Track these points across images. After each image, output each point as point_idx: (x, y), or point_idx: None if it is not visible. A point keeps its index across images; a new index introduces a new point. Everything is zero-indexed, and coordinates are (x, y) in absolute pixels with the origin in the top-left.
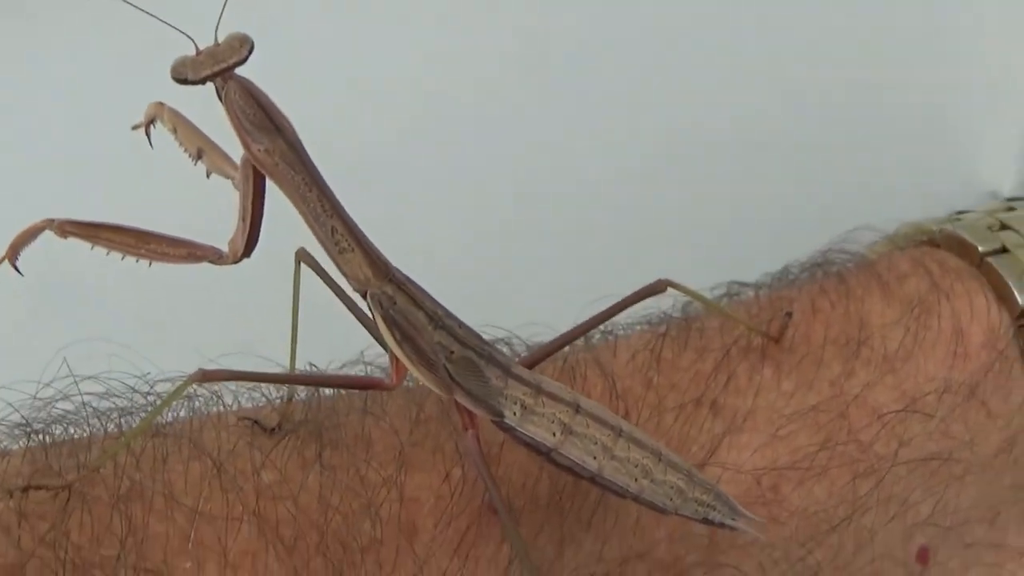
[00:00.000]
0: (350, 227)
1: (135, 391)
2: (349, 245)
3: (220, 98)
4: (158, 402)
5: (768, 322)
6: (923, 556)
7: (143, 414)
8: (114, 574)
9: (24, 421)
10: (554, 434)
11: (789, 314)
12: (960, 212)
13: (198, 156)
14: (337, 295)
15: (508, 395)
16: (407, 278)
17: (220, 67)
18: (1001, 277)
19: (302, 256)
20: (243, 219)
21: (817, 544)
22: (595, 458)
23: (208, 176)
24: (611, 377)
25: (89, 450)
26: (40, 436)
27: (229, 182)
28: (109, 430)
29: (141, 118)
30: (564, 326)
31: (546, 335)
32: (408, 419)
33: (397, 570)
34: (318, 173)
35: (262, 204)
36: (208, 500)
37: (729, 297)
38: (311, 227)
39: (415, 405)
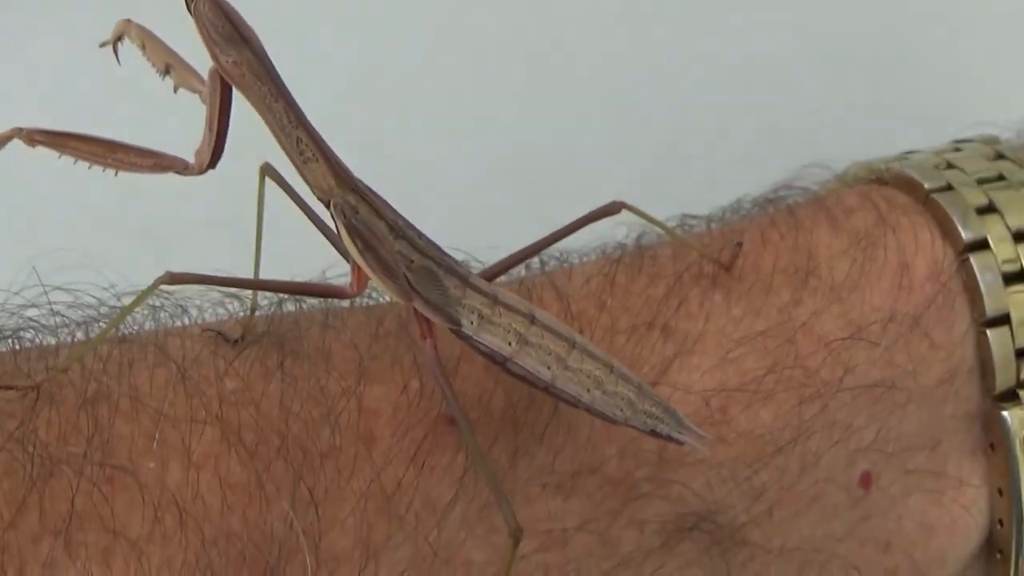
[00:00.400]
0: (314, 137)
1: (102, 303)
2: (313, 155)
3: (189, 10)
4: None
5: (719, 250)
6: (866, 480)
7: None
8: (80, 470)
9: None
10: (510, 343)
11: (740, 244)
12: (908, 152)
13: (166, 71)
14: (301, 208)
15: (466, 304)
16: (369, 188)
17: None
18: (946, 213)
19: (267, 170)
20: (209, 130)
21: (763, 465)
22: (549, 368)
23: (176, 91)
24: (566, 299)
25: (57, 355)
26: (9, 341)
27: (196, 96)
28: (77, 337)
29: (109, 35)
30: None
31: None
32: (368, 334)
33: (355, 476)
34: (284, 85)
35: (228, 116)
36: (173, 404)
37: (682, 228)
38: (276, 137)
39: (375, 320)
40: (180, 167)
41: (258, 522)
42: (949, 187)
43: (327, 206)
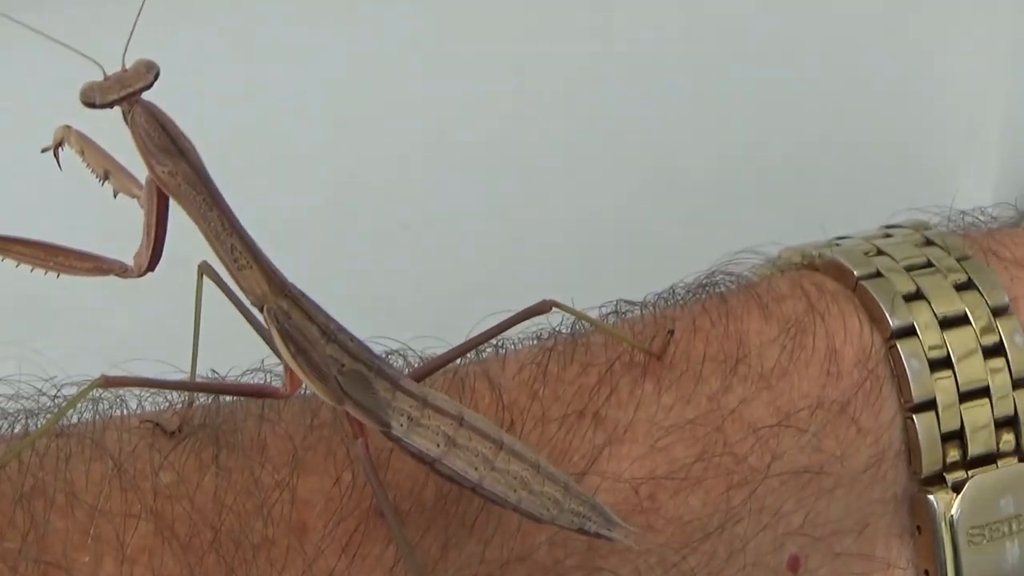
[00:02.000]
0: (248, 245)
1: (42, 394)
2: (247, 262)
3: (126, 121)
4: (64, 405)
5: (651, 339)
6: (794, 564)
7: (49, 415)
8: (15, 566)
9: None
10: (438, 445)
11: (671, 332)
12: (840, 237)
13: (105, 177)
14: (236, 307)
15: (395, 407)
16: (301, 292)
17: (126, 92)
18: (875, 299)
19: (204, 269)
20: (147, 235)
21: (691, 551)
22: (476, 469)
23: (115, 196)
24: (498, 389)
25: None
26: None
27: (135, 201)
28: (16, 431)
29: (50, 141)
30: (456, 340)
31: (439, 348)
32: (303, 425)
33: (287, 568)
34: (219, 193)
35: (166, 221)
36: (108, 498)
37: (617, 315)
38: (211, 244)
39: (310, 412)
40: (119, 270)
41: None
42: (878, 273)
43: (261, 310)
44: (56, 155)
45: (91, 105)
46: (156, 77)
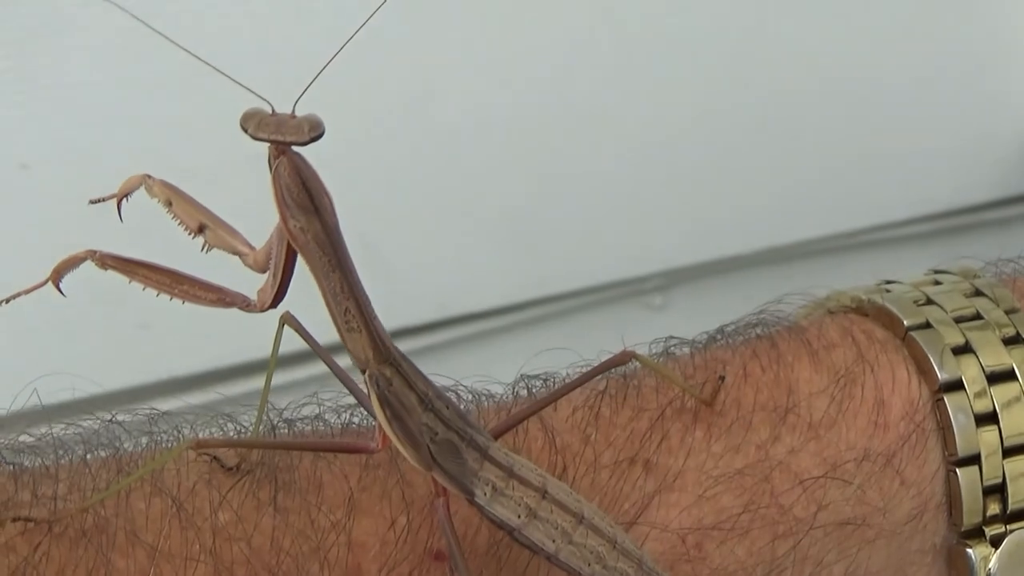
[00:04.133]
0: (363, 310)
1: (96, 416)
2: (357, 326)
3: (269, 165)
4: (119, 430)
5: (702, 384)
6: None
7: (103, 441)
8: None
9: None
10: (519, 516)
11: (722, 378)
12: (889, 282)
13: (199, 231)
14: (323, 359)
15: (482, 477)
16: (404, 357)
17: (277, 138)
18: (923, 352)
19: (286, 319)
20: (274, 275)
21: None
22: (554, 541)
23: (206, 250)
24: (551, 432)
25: (56, 480)
26: (10, 466)
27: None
28: (74, 461)
29: (114, 190)
30: (501, 375)
31: (490, 384)
32: (358, 464)
33: None
34: (345, 256)
35: (294, 264)
36: (168, 538)
37: (667, 351)
38: (326, 302)
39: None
40: (242, 304)
41: None
42: (928, 324)
43: (362, 373)
44: (119, 207)
45: (244, 130)
46: (314, 139)
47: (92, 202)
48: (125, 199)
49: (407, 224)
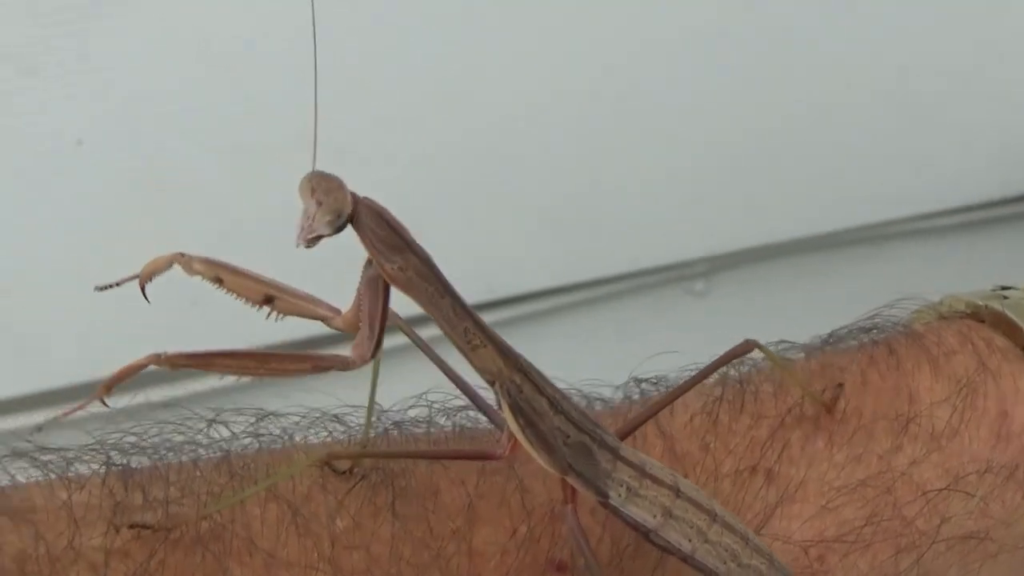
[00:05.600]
0: (481, 326)
1: (200, 417)
2: (481, 342)
3: (353, 226)
4: (223, 431)
5: (822, 390)
6: None
7: (214, 449)
8: None
9: (97, 446)
10: (655, 516)
11: (841, 385)
12: (1005, 287)
13: (266, 302)
14: (434, 361)
15: (615, 477)
16: (530, 364)
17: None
18: None
19: (393, 319)
20: (370, 327)
21: None
22: (690, 541)
23: (275, 318)
24: (670, 439)
25: (168, 484)
26: (119, 467)
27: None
28: (183, 460)
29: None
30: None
31: (602, 387)
32: (474, 470)
33: None
34: (446, 280)
35: (387, 310)
36: (285, 545)
37: (777, 352)
38: (443, 329)
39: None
40: (340, 364)
41: None
42: None
43: (492, 386)
44: (143, 289)
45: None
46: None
47: (98, 289)
48: (150, 280)
49: (457, 208)
